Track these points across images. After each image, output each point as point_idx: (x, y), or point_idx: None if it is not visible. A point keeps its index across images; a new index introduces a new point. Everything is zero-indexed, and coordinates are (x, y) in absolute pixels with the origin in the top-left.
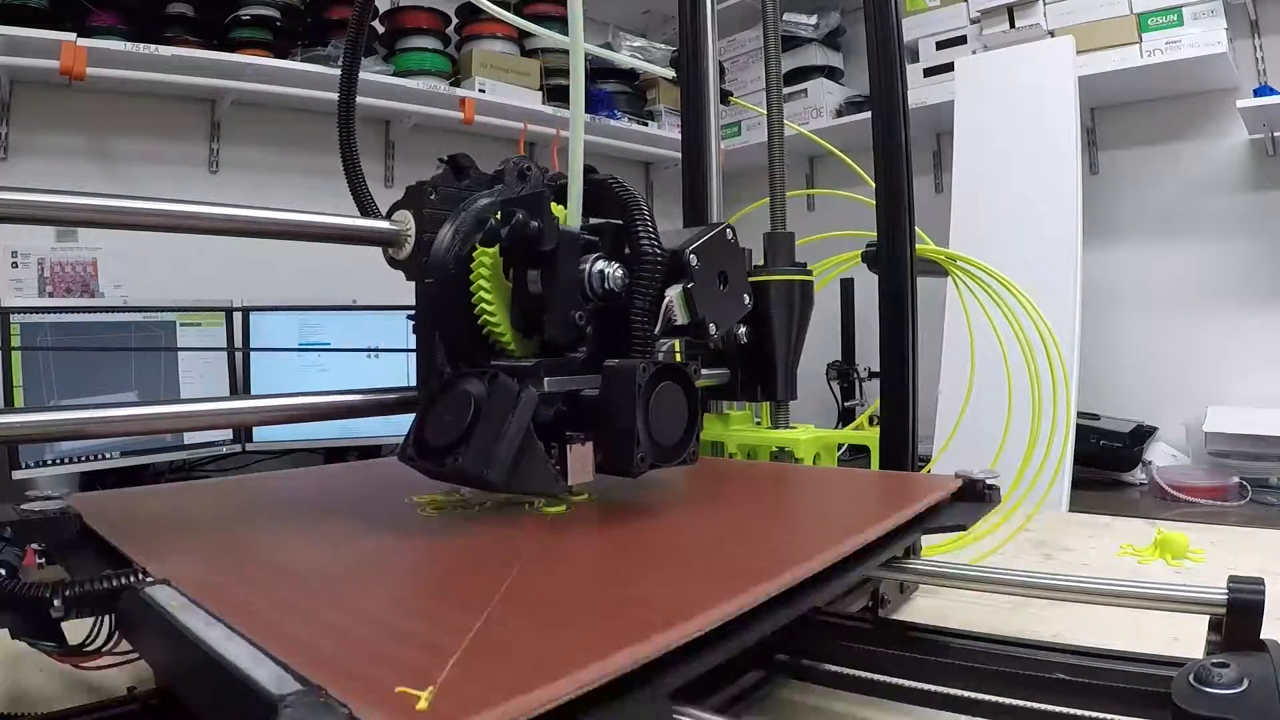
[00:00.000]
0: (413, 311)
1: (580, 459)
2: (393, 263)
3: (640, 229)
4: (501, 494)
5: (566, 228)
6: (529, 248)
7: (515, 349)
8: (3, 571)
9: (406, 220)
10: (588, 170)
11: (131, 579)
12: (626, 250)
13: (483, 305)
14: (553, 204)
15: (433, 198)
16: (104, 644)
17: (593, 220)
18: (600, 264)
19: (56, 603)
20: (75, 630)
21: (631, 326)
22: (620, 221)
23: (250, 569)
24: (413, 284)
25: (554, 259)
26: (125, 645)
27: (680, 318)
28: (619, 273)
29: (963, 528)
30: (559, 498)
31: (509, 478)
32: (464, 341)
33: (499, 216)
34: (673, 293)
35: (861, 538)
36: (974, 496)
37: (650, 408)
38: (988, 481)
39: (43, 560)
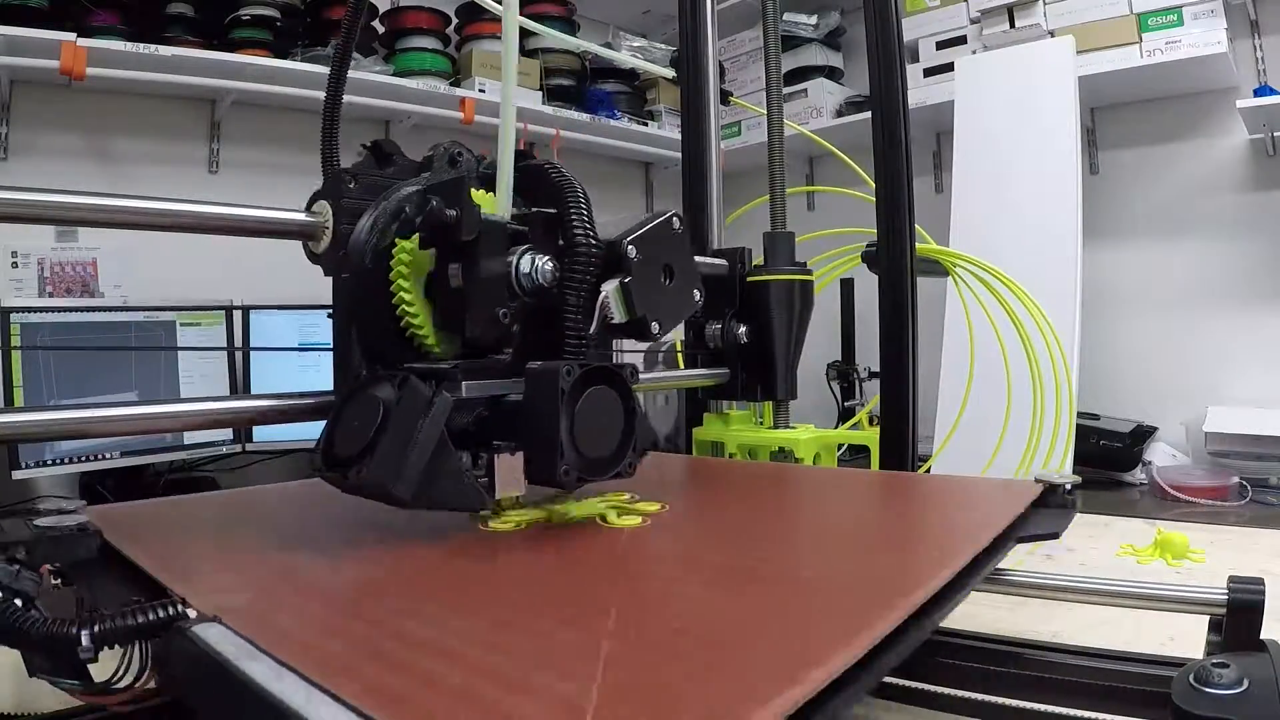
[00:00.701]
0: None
1: (509, 470)
2: (312, 257)
3: (574, 217)
4: (562, 509)
5: (490, 216)
6: (447, 238)
7: (439, 349)
8: (19, 603)
9: (324, 211)
10: (524, 155)
11: (171, 611)
12: (561, 242)
13: (402, 301)
14: (479, 192)
15: (352, 186)
16: (135, 681)
17: (527, 210)
18: (528, 256)
19: (85, 640)
20: (100, 661)
21: (563, 325)
22: (553, 210)
23: (305, 598)
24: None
25: (475, 250)
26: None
27: (617, 315)
28: (549, 265)
29: (1055, 535)
30: (638, 509)
31: (419, 492)
32: (384, 341)
33: (413, 205)
34: (609, 288)
35: (976, 547)
36: (1056, 502)
37: (577, 414)
38: (1068, 486)
39: (59, 581)
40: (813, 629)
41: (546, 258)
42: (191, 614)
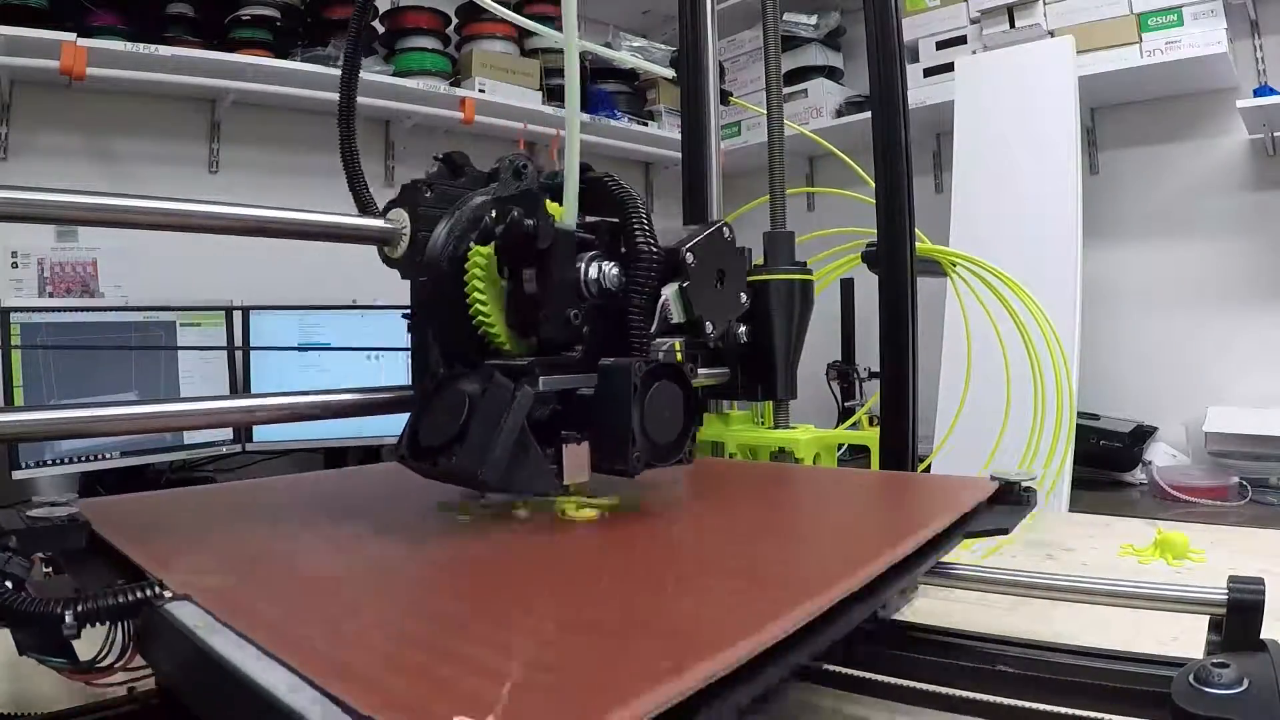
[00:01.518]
0: (408, 310)
1: (576, 458)
2: (388, 261)
3: (636, 227)
4: (523, 499)
5: (562, 226)
6: (524, 246)
7: (510, 348)
8: (9, 585)
9: (401, 218)
10: (584, 168)
11: (148, 593)
12: (623, 249)
13: (477, 304)
14: (548, 202)
15: (428, 196)
16: (117, 660)
17: (589, 219)
18: (596, 262)
19: (68, 618)
20: (86, 644)
21: (628, 325)
22: (616, 220)
23: (276, 582)
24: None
25: (549, 257)
26: (139, 660)
27: (676, 316)
28: (615, 271)
29: (1005, 531)
30: (592, 503)
31: (503, 477)
32: (459, 340)
33: (494, 215)
34: (669, 291)
35: (913, 542)
36: (1012, 499)
37: (646, 406)
38: (1024, 483)
39: (49, 570)
40: (723, 618)
41: (613, 264)
42: (167, 594)
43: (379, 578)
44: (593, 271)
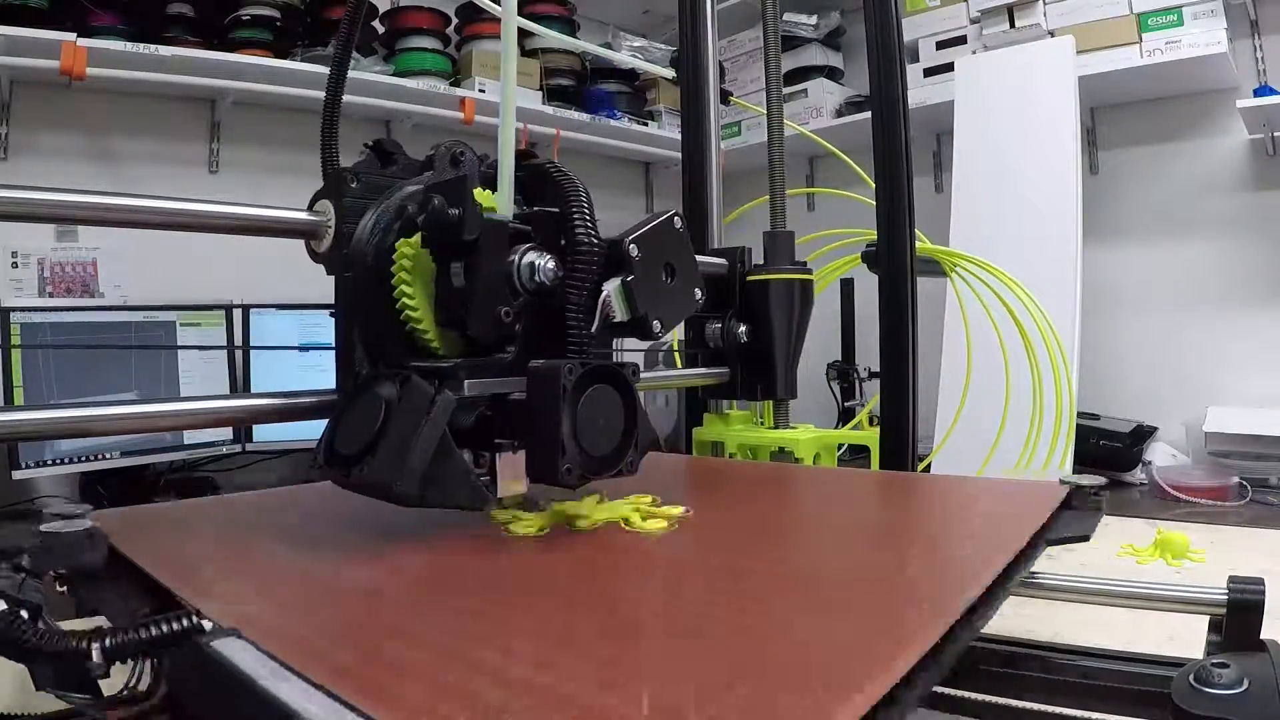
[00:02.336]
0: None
1: (511, 468)
2: (314, 255)
3: (576, 216)
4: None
5: (492, 215)
6: (449, 237)
7: (441, 348)
8: (25, 614)
9: (327, 210)
10: (527, 155)
11: (185, 624)
12: (563, 241)
13: (405, 301)
14: (481, 191)
15: (354, 186)
16: (146, 696)
17: (529, 210)
18: (530, 255)
19: (95, 656)
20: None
21: (565, 323)
22: (557, 210)
23: (329, 611)
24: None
25: (477, 250)
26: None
27: (619, 314)
28: (551, 264)
29: (1086, 538)
30: (661, 513)
31: (423, 489)
32: (386, 340)
33: (417, 204)
34: (610, 287)
35: (1015, 550)
36: (1082, 504)
37: (579, 412)
38: (1096, 488)
39: (64, 589)
40: (861, 642)
41: (548, 256)
42: (207, 626)
43: (455, 606)
44: (526, 265)
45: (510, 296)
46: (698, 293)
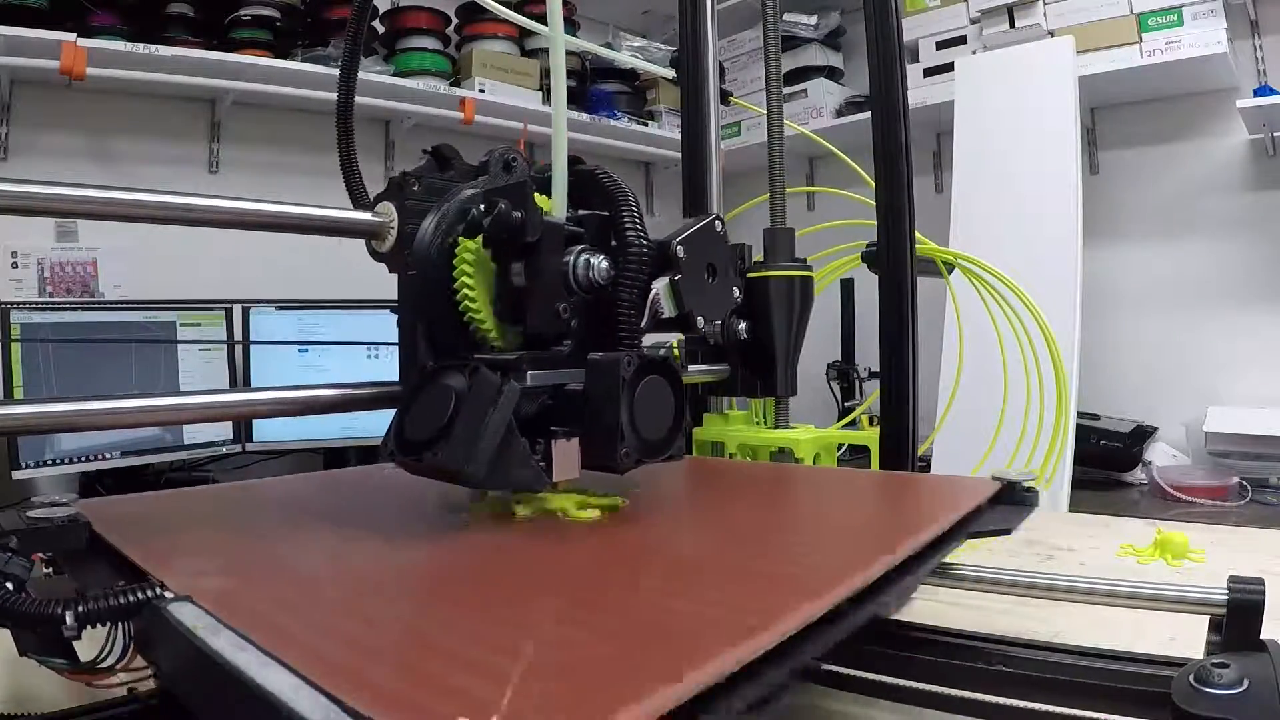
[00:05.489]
0: (396, 305)
1: (565, 454)
2: (375, 255)
3: (626, 220)
4: (521, 497)
5: (550, 218)
6: (512, 239)
7: (499, 342)
8: (9, 585)
9: (389, 212)
10: (575, 161)
11: (149, 593)
12: (613, 242)
13: (466, 297)
14: (537, 195)
15: (415, 189)
16: (118, 660)
17: (580, 212)
18: (585, 256)
19: (69, 619)
20: (87, 644)
21: (617, 319)
22: (606, 213)
23: (278, 584)
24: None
25: (537, 250)
26: (139, 660)
27: (667, 310)
28: (604, 264)
29: (1008, 531)
30: (596, 504)
31: (489, 473)
32: (447, 334)
33: (482, 207)
34: (659, 285)
35: (914, 542)
36: (1013, 499)
37: (635, 401)
38: (1025, 483)
39: (50, 570)
40: (726, 619)
41: (602, 257)
42: (168, 595)
43: (381, 578)
44: (581, 265)
45: (566, 294)
46: (735, 291)
